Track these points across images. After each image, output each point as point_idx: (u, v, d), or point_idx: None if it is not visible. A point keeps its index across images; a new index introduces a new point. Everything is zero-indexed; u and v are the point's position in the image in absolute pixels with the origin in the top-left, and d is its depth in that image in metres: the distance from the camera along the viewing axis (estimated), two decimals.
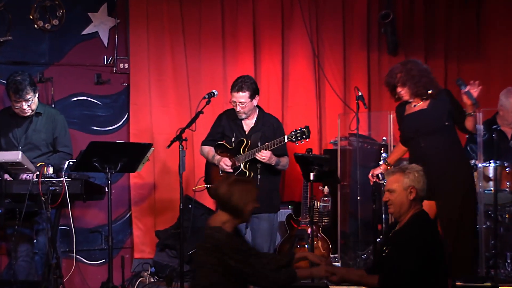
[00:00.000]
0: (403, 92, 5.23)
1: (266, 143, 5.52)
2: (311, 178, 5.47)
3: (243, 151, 5.64)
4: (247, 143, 5.65)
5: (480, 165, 5.91)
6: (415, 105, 5.28)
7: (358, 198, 6.60)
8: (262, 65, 7.49)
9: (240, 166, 5.63)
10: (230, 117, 5.86)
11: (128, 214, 7.15)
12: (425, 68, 5.26)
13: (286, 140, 5.45)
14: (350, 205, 6.86)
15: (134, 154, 5.66)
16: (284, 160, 5.78)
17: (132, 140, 7.01)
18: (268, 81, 7.48)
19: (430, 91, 5.18)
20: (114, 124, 7.16)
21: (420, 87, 5.17)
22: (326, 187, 6.70)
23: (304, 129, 5.42)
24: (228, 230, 4.17)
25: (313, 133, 7.34)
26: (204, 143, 6.01)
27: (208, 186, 5.88)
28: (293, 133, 5.43)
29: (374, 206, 5.85)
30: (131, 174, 7.02)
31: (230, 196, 4.23)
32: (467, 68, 7.96)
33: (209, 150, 5.91)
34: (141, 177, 7.06)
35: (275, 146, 5.48)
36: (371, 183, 5.58)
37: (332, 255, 6.56)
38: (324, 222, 6.67)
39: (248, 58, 7.42)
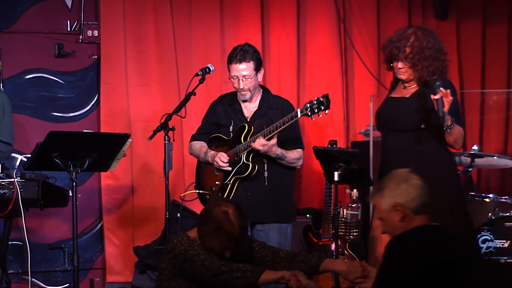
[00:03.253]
0: (404, 71, 5.17)
1: (273, 124, 5.43)
2: (336, 178, 5.42)
3: (245, 140, 5.61)
4: (250, 129, 5.61)
5: None
6: (404, 87, 5.22)
7: None
8: (272, 32, 7.49)
9: (241, 158, 5.59)
10: (226, 102, 5.81)
11: (99, 226, 7.18)
12: (441, 47, 5.12)
13: (299, 115, 5.34)
14: None
15: (106, 147, 5.64)
16: (292, 155, 5.65)
17: (103, 130, 7.03)
18: (279, 53, 7.49)
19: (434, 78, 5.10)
20: (81, 108, 7.18)
21: (429, 72, 5.08)
22: (355, 190, 6.68)
23: (321, 99, 5.31)
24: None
25: (337, 121, 7.51)
26: (194, 138, 5.92)
27: (200, 192, 5.85)
28: (308, 104, 5.33)
29: None
30: (103, 174, 7.04)
31: (205, 221, 4.40)
32: None
33: (200, 146, 5.86)
34: (116, 178, 7.09)
35: (285, 126, 5.38)
36: None
37: None
38: (353, 235, 6.65)
39: (254, 23, 7.42)
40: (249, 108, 5.73)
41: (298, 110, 5.34)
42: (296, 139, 5.69)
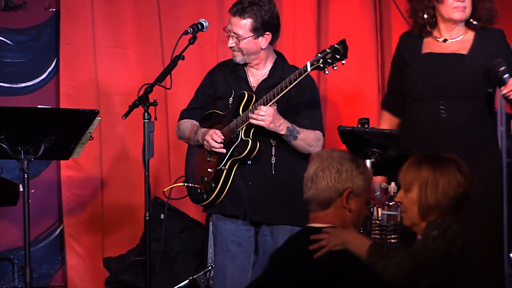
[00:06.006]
0: (464, 5, 5.26)
1: (277, 86, 5.43)
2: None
3: (244, 111, 5.62)
4: (250, 98, 5.61)
5: None
6: (446, 41, 5.30)
7: None
8: None
9: (239, 134, 5.58)
10: (228, 68, 5.88)
11: (58, 230, 7.25)
12: None
13: (309, 69, 5.34)
14: None
15: (68, 128, 5.68)
16: (309, 134, 5.67)
17: (64, 105, 7.09)
18: (293, 3, 7.49)
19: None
20: (34, 77, 7.26)
21: (487, 16, 5.27)
22: (393, 184, 6.59)
23: (337, 46, 5.32)
24: None
25: (370, 93, 7.68)
26: (184, 115, 5.98)
27: (189, 185, 5.84)
28: (320, 55, 5.34)
29: None
30: (63, 163, 7.12)
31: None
32: None
33: (190, 124, 5.88)
34: (80, 168, 7.16)
35: (292, 85, 5.38)
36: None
37: None
38: (390, 241, 6.60)
39: None
40: (256, 76, 5.75)
41: (308, 63, 5.33)
42: (314, 120, 5.71)
